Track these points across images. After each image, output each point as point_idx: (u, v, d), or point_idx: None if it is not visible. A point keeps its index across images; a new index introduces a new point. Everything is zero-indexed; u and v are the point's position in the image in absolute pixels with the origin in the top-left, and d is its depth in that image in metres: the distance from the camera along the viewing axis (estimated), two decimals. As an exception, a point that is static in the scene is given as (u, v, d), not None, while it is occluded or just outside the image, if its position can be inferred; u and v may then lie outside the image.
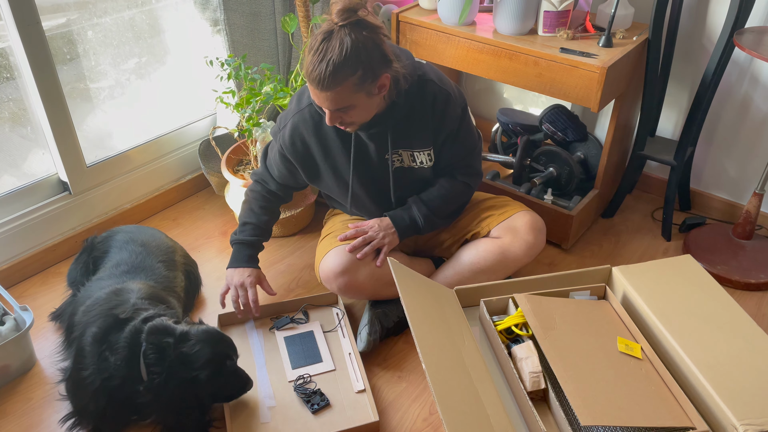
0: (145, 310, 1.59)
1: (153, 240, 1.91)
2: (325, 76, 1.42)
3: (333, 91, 1.45)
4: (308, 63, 1.44)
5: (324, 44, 1.42)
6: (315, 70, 1.43)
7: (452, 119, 1.69)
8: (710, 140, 2.30)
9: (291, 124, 1.70)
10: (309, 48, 1.44)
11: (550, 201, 2.24)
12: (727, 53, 1.98)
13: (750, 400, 1.41)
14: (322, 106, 1.52)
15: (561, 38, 2.03)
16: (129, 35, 2.24)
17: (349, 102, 1.50)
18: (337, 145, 1.70)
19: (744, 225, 2.13)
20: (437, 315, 1.63)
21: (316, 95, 1.50)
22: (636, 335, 1.63)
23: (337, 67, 1.42)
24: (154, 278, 1.78)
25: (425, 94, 1.65)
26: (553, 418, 1.53)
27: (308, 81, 1.47)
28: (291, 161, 1.76)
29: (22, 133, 2.09)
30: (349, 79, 1.44)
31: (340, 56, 1.41)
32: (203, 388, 1.50)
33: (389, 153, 1.70)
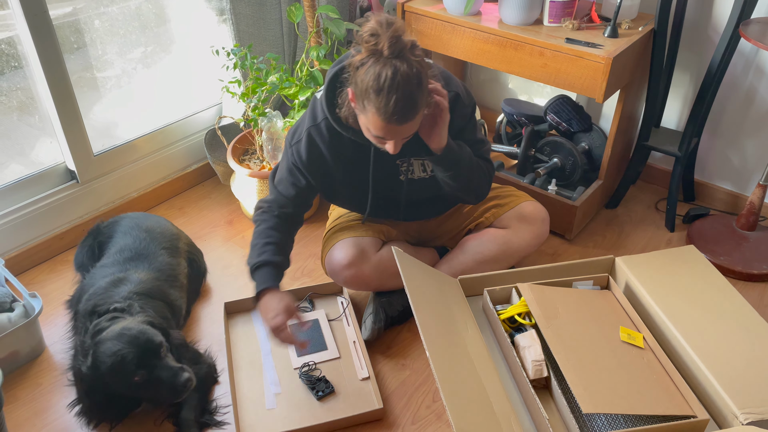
0: (122, 302, 1.61)
1: (158, 226, 1.92)
2: (406, 111, 1.38)
3: (411, 121, 1.42)
4: (383, 99, 1.36)
5: (395, 79, 1.35)
6: (397, 105, 1.37)
7: (461, 116, 1.66)
8: (715, 131, 2.30)
9: (306, 137, 1.63)
10: (376, 84, 1.36)
11: (554, 191, 2.25)
12: (732, 44, 1.97)
13: (751, 389, 1.42)
14: (395, 137, 1.45)
15: (566, 28, 2.03)
16: (135, 24, 2.25)
17: (416, 127, 1.47)
18: (354, 158, 1.67)
19: (747, 216, 2.14)
20: (441, 304, 1.64)
21: (390, 130, 1.42)
22: (638, 325, 1.64)
23: (414, 100, 1.39)
24: (156, 266, 1.78)
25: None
26: (556, 405, 1.54)
27: (383, 119, 1.39)
28: (305, 174, 1.68)
29: (30, 121, 2.10)
30: (421, 104, 1.42)
31: (417, 84, 1.38)
32: (114, 387, 1.50)
33: (401, 160, 1.69)
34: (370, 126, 1.44)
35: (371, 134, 1.47)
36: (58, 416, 1.65)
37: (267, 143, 2.21)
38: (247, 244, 2.22)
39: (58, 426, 1.63)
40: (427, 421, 1.63)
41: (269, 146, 2.21)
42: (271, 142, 2.21)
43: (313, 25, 2.26)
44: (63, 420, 1.64)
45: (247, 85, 2.18)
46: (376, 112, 1.39)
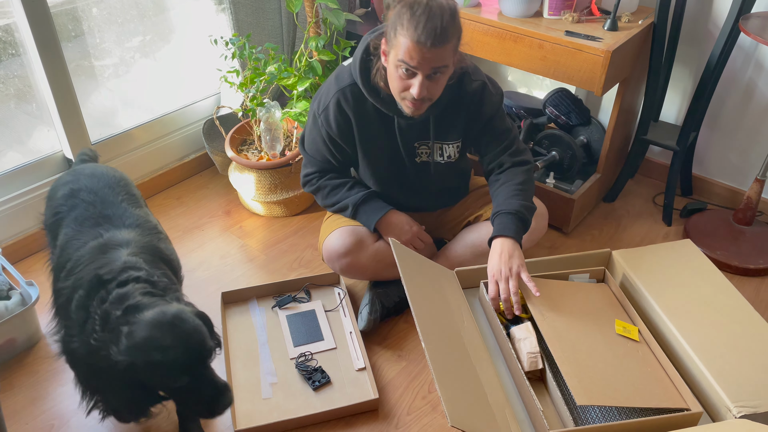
0: (137, 270, 1.35)
1: (101, 179, 1.59)
2: (441, 31, 1.42)
3: (441, 48, 1.45)
4: (415, 21, 1.42)
5: (429, 4, 1.43)
6: (427, 25, 1.41)
7: (490, 105, 1.70)
8: (713, 126, 2.30)
9: (334, 101, 1.65)
10: (410, 11, 1.43)
11: (552, 184, 2.25)
12: (732, 38, 1.97)
13: (744, 383, 1.43)
14: (424, 65, 1.46)
15: (566, 21, 2.03)
16: (133, 13, 2.24)
17: (446, 62, 1.49)
18: (377, 127, 1.69)
19: (745, 211, 2.14)
20: (437, 295, 1.65)
21: (421, 53, 1.44)
22: (634, 318, 1.64)
23: (448, 24, 1.44)
24: (130, 221, 1.50)
25: (463, 86, 1.66)
26: (550, 397, 1.55)
27: (415, 38, 1.42)
28: (338, 143, 1.71)
29: (28, 109, 2.10)
30: (454, 38, 1.48)
31: (450, 15, 1.45)
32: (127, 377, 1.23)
33: (420, 142, 1.71)
34: (400, 53, 1.47)
35: (399, 73, 1.50)
36: (55, 404, 1.66)
37: (265, 133, 2.20)
38: (246, 234, 2.24)
39: (54, 413, 1.64)
40: (423, 412, 1.64)
41: (267, 136, 2.21)
42: (269, 133, 2.20)
43: (312, 16, 2.25)
44: (60, 407, 1.65)
45: (246, 75, 2.17)
46: (406, 34, 1.44)
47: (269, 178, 2.21)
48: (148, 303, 1.28)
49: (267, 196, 2.25)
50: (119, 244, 1.41)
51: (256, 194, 2.26)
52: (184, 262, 2.09)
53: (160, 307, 1.27)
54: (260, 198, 2.26)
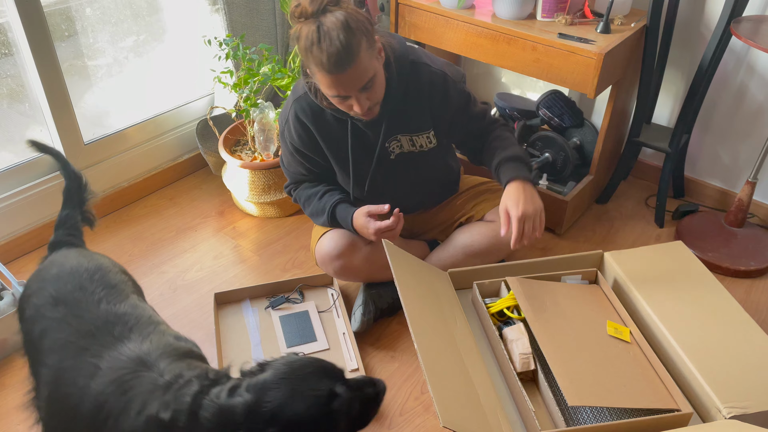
0: (188, 381, 1.05)
1: (68, 283, 1.22)
2: (344, 53, 1.39)
3: (354, 65, 1.41)
4: (318, 55, 1.40)
5: (320, 32, 1.39)
6: (331, 54, 1.38)
7: (458, 95, 1.69)
8: (705, 128, 2.31)
9: (292, 114, 1.66)
10: (307, 47, 1.40)
11: (545, 186, 2.26)
12: (723, 42, 1.98)
13: (734, 384, 1.44)
14: (350, 88, 1.46)
15: (559, 23, 2.04)
16: (127, 13, 2.24)
17: (369, 72, 1.46)
18: (340, 134, 1.68)
19: (736, 213, 2.15)
20: (430, 297, 1.65)
21: (340, 82, 1.43)
22: (625, 319, 1.65)
23: (348, 41, 1.39)
24: (121, 333, 1.13)
25: (420, 77, 1.64)
26: (542, 398, 1.56)
27: (326, 71, 1.41)
28: (306, 154, 1.73)
29: (20, 109, 2.09)
30: (361, 46, 1.42)
31: (344, 31, 1.39)
32: None
33: (388, 140, 1.70)
34: (324, 88, 1.48)
35: (333, 98, 1.51)
36: (47, 405, 1.66)
37: (259, 134, 2.20)
38: (239, 235, 2.24)
39: (46, 414, 1.63)
40: (415, 413, 1.64)
41: (261, 137, 2.21)
42: (263, 133, 2.20)
43: (306, 17, 2.25)
44: (51, 408, 1.65)
45: (240, 76, 2.17)
46: (317, 68, 1.43)
47: (263, 179, 2.21)
48: (236, 387, 1.04)
49: (260, 197, 2.25)
50: (135, 370, 1.05)
51: (249, 195, 2.26)
52: (177, 263, 2.11)
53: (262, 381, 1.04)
54: (254, 199, 2.26)
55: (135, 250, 2.17)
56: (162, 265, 2.11)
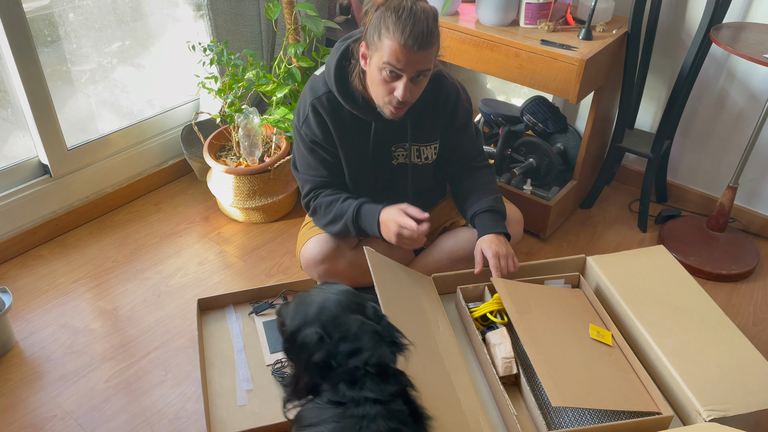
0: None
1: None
2: (426, 34, 1.45)
3: (427, 51, 1.48)
4: (401, 25, 1.44)
5: (413, 9, 1.45)
6: (414, 28, 1.43)
7: (463, 113, 1.76)
8: (687, 134, 2.34)
9: (312, 110, 1.67)
10: (395, 15, 1.44)
11: (529, 191, 2.27)
12: (704, 48, 2.01)
13: (714, 388, 1.45)
14: (410, 67, 1.49)
15: (542, 30, 2.05)
16: (111, 18, 2.24)
17: (430, 65, 1.52)
18: (355, 133, 1.69)
19: (718, 217, 2.17)
20: (413, 302, 1.65)
21: (406, 56, 1.46)
22: (607, 323, 1.66)
23: (433, 27, 1.47)
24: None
25: (441, 88, 1.69)
26: (524, 402, 1.56)
27: (401, 42, 1.44)
28: (325, 147, 1.71)
29: (3, 115, 2.08)
30: (437, 42, 1.51)
31: (433, 19, 1.48)
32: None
33: (400, 147, 1.73)
34: (385, 55, 1.48)
35: (383, 76, 1.52)
36: (28, 411, 1.64)
37: (244, 140, 2.20)
38: (224, 240, 2.23)
39: (27, 422, 1.62)
40: (399, 418, 1.64)
41: (246, 143, 2.21)
42: (247, 139, 2.20)
43: (291, 23, 2.26)
44: (33, 415, 1.63)
45: (224, 81, 2.17)
46: (392, 36, 1.45)
47: (248, 184, 2.21)
48: None
49: (245, 202, 2.25)
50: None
51: (234, 200, 2.25)
52: (161, 269, 2.10)
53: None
54: (239, 204, 2.25)
55: (119, 255, 2.16)
56: (146, 270, 2.10)
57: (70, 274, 2.08)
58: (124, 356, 1.80)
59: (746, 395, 1.43)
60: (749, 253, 2.16)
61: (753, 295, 2.05)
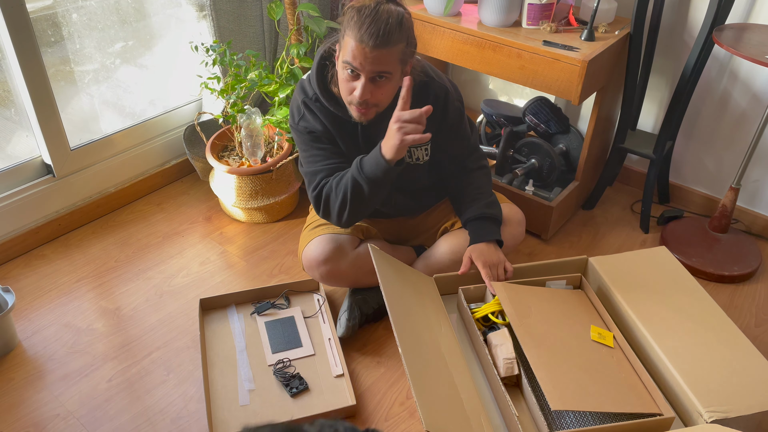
0: None
1: None
2: (383, 32, 1.44)
3: (383, 50, 1.47)
4: (360, 22, 1.45)
5: (377, 8, 1.46)
6: (372, 26, 1.44)
7: (454, 112, 1.74)
8: (690, 135, 2.34)
9: (305, 107, 1.67)
10: (357, 14, 1.46)
11: (531, 192, 2.27)
12: (706, 49, 2.01)
13: (716, 389, 1.45)
14: (364, 67, 1.49)
15: (544, 31, 2.05)
16: (114, 19, 2.24)
17: (390, 68, 1.51)
18: (344, 137, 1.69)
19: (720, 219, 2.17)
20: (416, 302, 1.65)
21: (362, 54, 1.47)
22: (609, 324, 1.66)
23: (393, 28, 1.46)
24: None
25: (428, 90, 1.68)
26: (526, 403, 1.56)
27: (358, 39, 1.45)
28: (328, 137, 1.69)
29: (6, 115, 2.09)
30: (398, 44, 1.49)
31: (396, 20, 1.47)
32: None
33: None
34: (346, 55, 1.50)
35: (346, 74, 1.52)
36: (30, 411, 1.65)
37: (246, 140, 2.21)
38: (226, 240, 2.24)
39: (29, 421, 1.62)
40: (400, 418, 1.64)
41: (248, 143, 2.21)
42: (250, 139, 2.21)
43: (293, 23, 2.27)
44: (36, 414, 1.64)
45: (227, 82, 2.17)
46: (351, 34, 1.47)
47: (250, 185, 2.22)
48: None
49: (248, 203, 2.25)
50: None
51: (236, 200, 2.26)
52: (163, 269, 2.11)
53: None
54: (241, 204, 2.26)
55: (121, 255, 2.16)
56: (148, 270, 2.10)
57: (72, 273, 2.09)
58: (127, 356, 1.80)
59: (748, 397, 1.43)
60: (751, 254, 2.16)
61: (755, 297, 2.05)
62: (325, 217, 1.71)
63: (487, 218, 1.78)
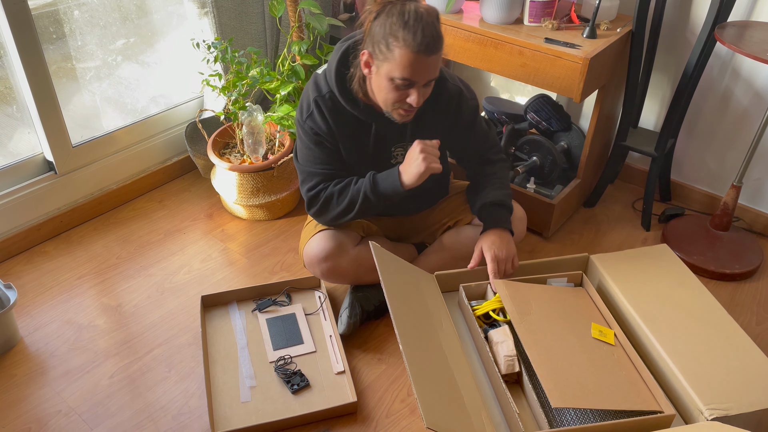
0: None
1: None
2: (436, 37, 1.44)
3: (436, 55, 1.47)
4: (411, 32, 1.42)
5: (416, 12, 1.43)
6: (425, 34, 1.42)
7: (468, 111, 1.74)
8: (691, 133, 2.33)
9: (315, 106, 1.65)
10: (402, 21, 1.42)
11: (532, 189, 2.27)
12: (708, 47, 2.00)
13: (717, 386, 1.45)
14: (423, 75, 1.48)
15: (546, 28, 2.05)
16: (116, 16, 2.24)
17: (439, 68, 1.52)
18: (355, 135, 1.69)
19: (721, 216, 2.17)
20: (417, 299, 1.66)
21: (420, 64, 1.45)
22: (610, 322, 1.66)
23: (438, 31, 1.46)
24: None
25: (442, 91, 1.69)
26: (526, 400, 1.56)
27: (414, 50, 1.42)
28: (330, 140, 1.68)
29: (8, 111, 2.09)
30: (443, 44, 1.49)
31: (437, 19, 1.46)
32: None
33: (395, 146, 1.73)
34: (397, 68, 1.47)
35: (395, 84, 1.50)
36: (32, 407, 1.65)
37: (247, 137, 2.21)
38: (227, 237, 2.24)
39: (31, 417, 1.63)
40: (401, 415, 1.65)
41: (249, 140, 2.21)
42: (251, 136, 2.21)
43: (295, 20, 2.26)
44: (37, 411, 1.64)
45: (228, 79, 2.17)
46: (404, 45, 1.43)
47: (251, 182, 2.22)
48: None
49: (249, 200, 2.25)
50: None
51: (238, 197, 2.26)
52: (165, 266, 2.11)
53: None
54: (242, 201, 2.26)
55: (123, 252, 2.17)
56: (150, 267, 2.11)
57: (74, 270, 2.09)
58: (128, 352, 1.81)
59: (748, 394, 1.43)
60: (753, 252, 2.15)
61: (756, 295, 2.05)
62: (316, 216, 1.75)
63: (504, 206, 1.77)
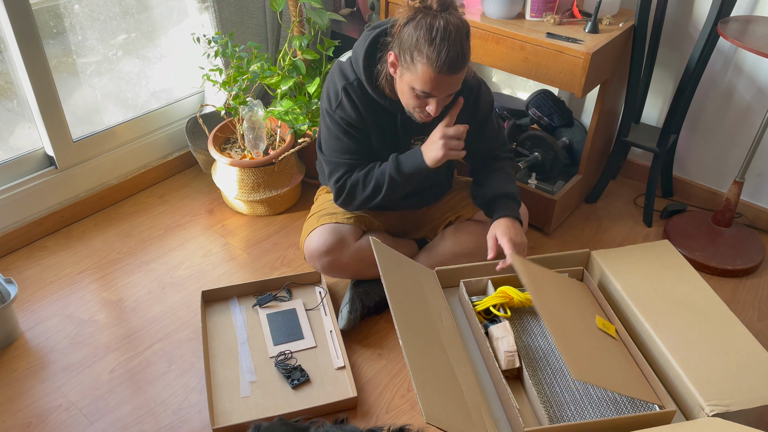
0: None
1: None
2: (460, 57, 1.43)
3: (460, 73, 1.46)
4: (434, 51, 1.40)
5: (446, 28, 1.40)
6: (450, 54, 1.40)
7: (486, 105, 1.75)
8: (694, 128, 2.32)
9: (344, 94, 1.63)
10: (429, 36, 1.40)
11: (534, 185, 2.26)
12: (711, 42, 1.99)
13: (717, 382, 1.45)
14: (441, 92, 1.48)
15: (548, 23, 2.04)
16: (116, 10, 2.24)
17: (458, 85, 1.51)
18: (381, 123, 1.69)
19: (723, 212, 2.16)
20: (417, 295, 1.65)
21: (441, 83, 1.45)
22: (611, 317, 1.66)
23: (466, 48, 1.45)
24: None
25: (464, 83, 1.66)
26: (526, 396, 1.56)
27: (436, 69, 1.42)
28: (360, 129, 1.68)
29: (9, 106, 2.09)
30: (468, 61, 1.48)
31: (467, 36, 1.45)
32: None
33: (420, 139, 1.72)
34: (418, 81, 1.47)
35: (415, 93, 1.50)
36: (33, 401, 1.65)
37: (248, 132, 2.20)
38: (228, 233, 2.24)
39: (32, 411, 1.63)
40: (401, 410, 1.65)
41: (250, 135, 2.21)
42: (252, 131, 2.20)
43: (296, 15, 2.26)
44: (37, 405, 1.64)
45: (229, 74, 2.17)
46: (427, 62, 1.42)
47: (252, 177, 2.21)
48: None
49: (250, 195, 2.25)
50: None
51: (239, 193, 2.26)
52: (165, 261, 2.11)
53: None
54: (243, 197, 2.26)
55: (123, 247, 2.17)
56: (150, 262, 2.11)
57: (75, 265, 2.09)
58: (129, 347, 1.81)
59: (749, 391, 1.43)
60: (755, 248, 2.15)
61: (758, 291, 2.04)
62: (344, 205, 1.76)
63: (515, 199, 1.77)
